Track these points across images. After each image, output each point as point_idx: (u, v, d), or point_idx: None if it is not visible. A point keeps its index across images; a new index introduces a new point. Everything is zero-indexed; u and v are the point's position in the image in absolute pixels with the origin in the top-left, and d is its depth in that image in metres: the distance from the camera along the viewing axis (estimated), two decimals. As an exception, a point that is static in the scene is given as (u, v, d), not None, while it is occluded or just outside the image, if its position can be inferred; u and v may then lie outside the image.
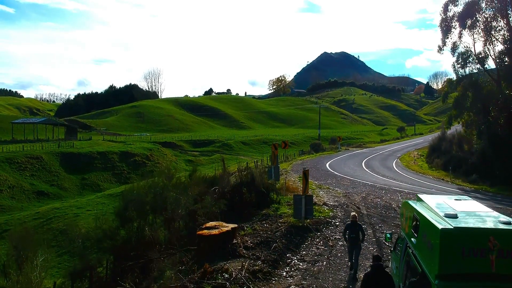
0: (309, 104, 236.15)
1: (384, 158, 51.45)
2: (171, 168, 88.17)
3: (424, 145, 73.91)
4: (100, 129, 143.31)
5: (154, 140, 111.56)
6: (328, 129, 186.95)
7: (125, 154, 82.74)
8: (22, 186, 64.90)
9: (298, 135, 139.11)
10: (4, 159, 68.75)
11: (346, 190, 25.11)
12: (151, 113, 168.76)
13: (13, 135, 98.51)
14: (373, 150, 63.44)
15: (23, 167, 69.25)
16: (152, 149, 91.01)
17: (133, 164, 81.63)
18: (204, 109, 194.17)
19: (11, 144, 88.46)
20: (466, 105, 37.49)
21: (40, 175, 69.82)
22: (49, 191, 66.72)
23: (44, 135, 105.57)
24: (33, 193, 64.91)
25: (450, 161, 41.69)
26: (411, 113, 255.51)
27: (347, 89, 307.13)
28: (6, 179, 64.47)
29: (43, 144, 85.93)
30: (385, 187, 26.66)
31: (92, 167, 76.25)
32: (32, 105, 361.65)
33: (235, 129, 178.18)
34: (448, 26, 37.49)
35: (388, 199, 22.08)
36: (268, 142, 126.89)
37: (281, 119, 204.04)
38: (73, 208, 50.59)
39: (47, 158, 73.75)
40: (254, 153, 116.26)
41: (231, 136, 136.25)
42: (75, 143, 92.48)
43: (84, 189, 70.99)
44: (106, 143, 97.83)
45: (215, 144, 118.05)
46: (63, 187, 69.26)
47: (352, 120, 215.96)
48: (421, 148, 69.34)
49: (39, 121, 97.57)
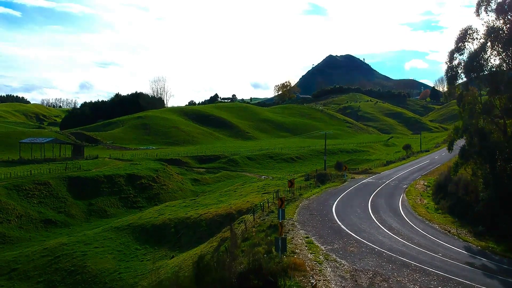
0: (315, 112, 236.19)
1: (390, 194, 51.36)
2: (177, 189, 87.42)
3: (430, 169, 73.96)
4: (106, 143, 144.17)
5: (160, 157, 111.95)
6: (334, 139, 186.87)
7: (131, 177, 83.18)
8: (30, 214, 65.47)
9: (304, 149, 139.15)
10: (12, 187, 69.35)
11: (352, 263, 25.14)
12: (157, 125, 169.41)
13: (21, 154, 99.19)
14: (379, 179, 63.33)
15: (31, 194, 69.86)
16: (158, 169, 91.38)
17: (139, 187, 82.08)
18: (210, 119, 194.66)
19: (19, 165, 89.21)
20: (473, 154, 37.47)
21: (48, 202, 70.39)
22: (57, 219, 67.28)
23: (51, 152, 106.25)
24: (41, 222, 65.51)
25: (456, 205, 41.66)
26: (417, 120, 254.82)
27: (353, 95, 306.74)
28: (15, 208, 65.08)
29: (50, 167, 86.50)
30: (392, 257, 26.69)
31: (99, 192, 76.78)
32: (38, 111, 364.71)
33: (240, 140, 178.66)
34: (453, 75, 37.50)
35: (395, 284, 22.18)
36: (274, 157, 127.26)
37: (287, 129, 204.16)
38: (80, 244, 51.01)
39: (54, 183, 74.30)
40: (260, 168, 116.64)
41: (237, 150, 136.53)
42: (81, 163, 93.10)
43: (91, 216, 71.56)
44: (112, 162, 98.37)
45: (221, 160, 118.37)
46: (70, 214, 69.80)
47: (357, 129, 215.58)
48: (427, 174, 69.28)
49: (46, 141, 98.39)
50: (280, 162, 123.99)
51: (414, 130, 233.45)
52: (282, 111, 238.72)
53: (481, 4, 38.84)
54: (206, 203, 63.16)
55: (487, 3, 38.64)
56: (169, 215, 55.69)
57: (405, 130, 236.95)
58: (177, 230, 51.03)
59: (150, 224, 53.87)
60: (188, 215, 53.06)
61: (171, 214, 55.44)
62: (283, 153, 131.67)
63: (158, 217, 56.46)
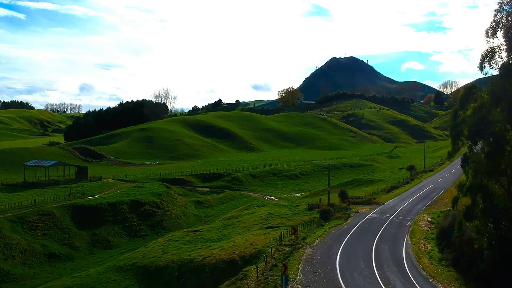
0: (319, 121, 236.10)
1: (394, 237, 51.36)
2: (181, 215, 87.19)
3: (434, 198, 74.12)
4: (110, 158, 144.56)
5: (163, 176, 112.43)
6: (337, 150, 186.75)
7: (135, 204, 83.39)
8: (34, 249, 65.70)
9: (308, 164, 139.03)
10: (16, 219, 69.60)
11: None
12: (161, 138, 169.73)
13: (25, 176, 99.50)
14: (383, 214, 63.43)
15: (35, 226, 70.08)
16: (161, 193, 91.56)
17: (143, 214, 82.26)
18: (213, 129, 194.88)
19: (23, 190, 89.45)
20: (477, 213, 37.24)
21: (52, 234, 70.63)
22: (61, 252, 67.49)
23: (55, 171, 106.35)
24: (45, 256, 65.75)
25: (460, 259, 41.54)
26: (421, 128, 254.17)
27: (356, 101, 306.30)
28: (19, 242, 65.31)
29: (54, 192, 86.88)
30: None
31: (103, 220, 77.01)
32: (43, 117, 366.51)
33: (244, 152, 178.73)
34: (457, 134, 37.33)
35: None
36: (277, 174, 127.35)
37: (290, 139, 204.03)
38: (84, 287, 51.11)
39: (58, 213, 74.50)
40: (263, 187, 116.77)
41: (240, 165, 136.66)
42: (85, 186, 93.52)
43: (95, 247, 71.81)
44: (116, 185, 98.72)
45: (225, 177, 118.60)
46: (74, 246, 70.00)
47: (361, 138, 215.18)
48: (431, 204, 69.43)
49: (50, 164, 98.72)
50: (283, 179, 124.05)
51: (418, 139, 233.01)
52: (285, 119, 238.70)
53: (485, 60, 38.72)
54: (209, 237, 63.18)
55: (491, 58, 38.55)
56: (172, 255, 55.62)
57: (409, 138, 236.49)
58: (180, 274, 51.01)
59: (153, 266, 53.84)
60: (191, 257, 52.98)
61: (175, 255, 55.36)
62: (287, 169, 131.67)
63: (161, 256, 56.42)
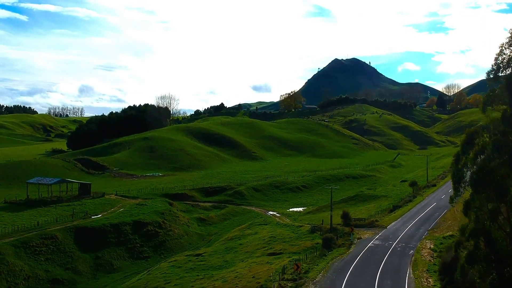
0: (321, 128, 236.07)
1: (396, 269, 51.30)
2: (183, 234, 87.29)
3: (437, 220, 74.12)
4: (113, 170, 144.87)
5: (166, 191, 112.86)
6: (339, 158, 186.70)
7: (137, 224, 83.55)
8: (37, 275, 65.97)
9: (309, 176, 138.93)
10: (19, 244, 69.89)
11: None
12: (163, 147, 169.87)
13: (28, 193, 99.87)
14: (385, 241, 63.37)
15: (38, 250, 70.32)
16: (164, 212, 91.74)
17: (145, 235, 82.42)
18: (215, 138, 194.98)
19: (26, 209, 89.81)
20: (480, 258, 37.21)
21: (55, 258, 70.86)
22: (64, 278, 67.71)
23: (58, 187, 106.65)
24: (48, 282, 66.04)
25: (463, 299, 41.68)
26: (423, 134, 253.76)
27: (359, 106, 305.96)
28: (22, 268, 65.58)
29: (57, 212, 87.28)
30: None
31: (106, 243, 77.22)
32: (45, 122, 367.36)
33: (246, 160, 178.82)
34: (459, 178, 37.30)
35: None
36: (280, 186, 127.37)
37: (292, 146, 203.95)
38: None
39: (61, 236, 74.75)
40: (266, 201, 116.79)
41: (243, 177, 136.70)
42: (88, 204, 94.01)
43: (98, 271, 72.02)
44: (118, 202, 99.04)
45: (227, 191, 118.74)
46: (77, 270, 70.23)
47: (363, 145, 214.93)
48: (434, 228, 69.43)
49: (53, 182, 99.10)
50: (285, 192, 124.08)
51: (421, 145, 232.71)
52: (287, 126, 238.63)
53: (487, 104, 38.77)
54: (212, 263, 63.37)
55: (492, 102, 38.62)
56: (175, 285, 55.78)
57: (412, 144, 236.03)
58: (183, 308, 51.20)
59: (156, 298, 54.09)
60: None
61: (177, 285, 55.51)
62: (289, 181, 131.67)
63: (164, 286, 56.61)
